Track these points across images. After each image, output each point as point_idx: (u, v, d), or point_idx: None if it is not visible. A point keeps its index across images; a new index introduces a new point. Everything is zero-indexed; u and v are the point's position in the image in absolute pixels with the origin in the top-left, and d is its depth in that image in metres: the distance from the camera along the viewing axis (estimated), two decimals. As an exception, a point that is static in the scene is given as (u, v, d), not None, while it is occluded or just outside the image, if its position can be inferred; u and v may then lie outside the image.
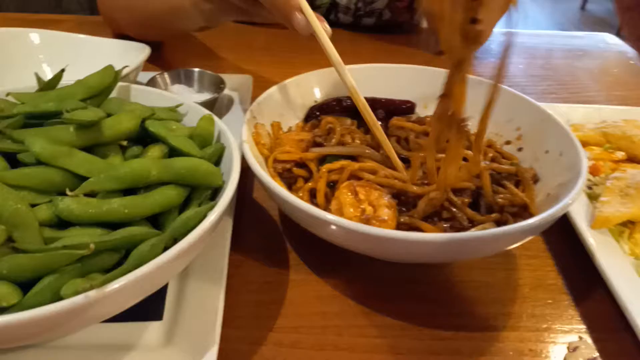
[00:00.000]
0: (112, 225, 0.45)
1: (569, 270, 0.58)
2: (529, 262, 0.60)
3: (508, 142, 0.68)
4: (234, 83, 0.83)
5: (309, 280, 0.56)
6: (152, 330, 0.48)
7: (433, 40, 1.18)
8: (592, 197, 0.65)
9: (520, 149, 0.66)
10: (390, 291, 0.55)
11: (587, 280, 0.57)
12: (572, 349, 0.49)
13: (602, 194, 0.64)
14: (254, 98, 0.82)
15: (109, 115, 0.51)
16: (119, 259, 0.43)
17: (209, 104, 0.74)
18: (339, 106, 0.70)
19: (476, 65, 1.08)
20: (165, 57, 1.02)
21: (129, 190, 0.48)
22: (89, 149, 0.49)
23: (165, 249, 0.41)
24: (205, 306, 0.49)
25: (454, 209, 0.54)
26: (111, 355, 0.45)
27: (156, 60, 0.97)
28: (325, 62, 0.74)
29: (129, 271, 0.38)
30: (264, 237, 0.62)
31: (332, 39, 0.70)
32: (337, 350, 0.49)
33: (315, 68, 0.73)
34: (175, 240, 0.43)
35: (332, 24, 0.70)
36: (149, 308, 0.49)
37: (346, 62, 0.73)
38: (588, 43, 1.25)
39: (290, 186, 0.60)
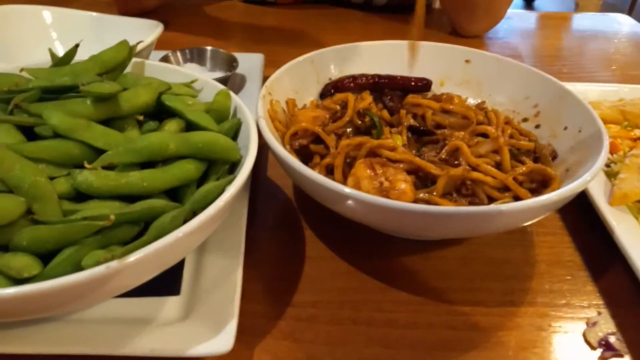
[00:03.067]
0: (130, 198, 0.45)
1: (587, 246, 0.58)
2: (545, 239, 0.59)
3: (525, 120, 0.67)
4: (245, 62, 0.83)
5: (325, 256, 0.56)
6: (170, 305, 0.48)
7: (445, 19, 1.16)
8: (610, 175, 0.64)
9: (537, 126, 0.66)
10: (407, 267, 0.55)
11: (605, 256, 0.56)
12: (591, 324, 0.49)
13: (621, 171, 0.63)
14: (265, 77, 0.82)
15: (125, 89, 0.50)
16: (138, 231, 0.43)
17: (222, 82, 0.73)
18: (354, 83, 0.70)
19: (490, 45, 1.07)
20: (176, 37, 1.01)
21: (146, 165, 0.47)
22: (105, 122, 0.48)
23: (185, 222, 0.41)
24: (223, 281, 0.48)
25: (474, 185, 0.54)
26: (129, 329, 0.45)
27: (166, 40, 0.96)
28: (335, 41, 0.73)
29: (150, 242, 0.38)
30: (279, 214, 0.62)
31: (343, 19, 0.70)
32: (355, 325, 0.49)
33: (324, 47, 0.72)
34: (194, 214, 0.43)
35: (344, 3, 0.69)
36: (166, 283, 0.49)
37: (357, 41, 0.73)
38: (601, 23, 1.23)
39: (306, 164, 0.59)
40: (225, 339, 0.43)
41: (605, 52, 1.07)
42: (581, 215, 0.61)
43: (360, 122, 0.62)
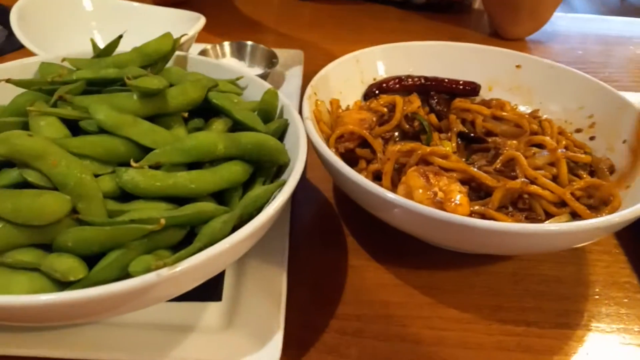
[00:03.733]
0: (176, 200, 0.43)
1: (644, 267, 0.55)
2: (600, 258, 0.56)
3: (579, 130, 0.64)
4: (284, 58, 0.81)
5: (369, 266, 0.54)
6: (211, 311, 0.46)
7: (485, 20, 1.13)
8: (668, 192, 0.61)
9: (592, 138, 0.63)
10: (456, 282, 0.52)
11: (664, 279, 0.54)
12: (653, 352, 0.46)
13: (680, 189, 0.60)
14: (304, 73, 0.80)
15: (171, 84, 0.49)
16: (184, 236, 0.41)
17: (261, 78, 0.72)
18: (400, 85, 0.67)
19: (533, 49, 1.03)
20: (208, 29, 0.98)
21: (192, 165, 0.45)
22: (151, 119, 0.46)
23: (234, 227, 0.39)
24: (266, 288, 0.47)
25: (531, 199, 0.51)
26: (170, 336, 0.44)
27: (201, 33, 0.94)
28: (372, 39, 0.70)
29: (201, 249, 0.36)
30: (319, 218, 0.60)
31: (381, 17, 0.67)
32: (403, 342, 0.46)
33: (363, 45, 0.69)
34: (241, 219, 0.41)
35: (383, 0, 0.67)
36: (207, 288, 0.47)
37: (395, 40, 0.71)
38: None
39: (351, 167, 0.57)
40: (271, 353, 0.41)
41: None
42: (638, 233, 0.58)
43: (408, 127, 0.60)
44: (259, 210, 0.42)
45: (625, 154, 0.58)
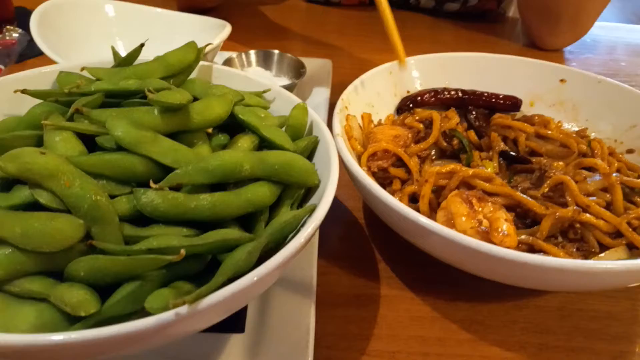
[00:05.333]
0: (197, 223, 0.39)
1: None
2: (655, 293, 0.51)
3: (630, 151, 0.59)
4: (312, 67, 0.77)
5: (403, 297, 0.49)
6: (234, 343, 0.43)
7: (520, 29, 1.08)
8: None
9: (645, 160, 0.58)
10: (498, 316, 0.48)
11: None
12: None
13: None
14: (332, 84, 0.77)
15: (195, 98, 0.45)
16: (206, 265, 0.38)
17: (288, 89, 0.68)
18: (436, 98, 0.63)
19: (572, 61, 0.98)
20: (232, 36, 0.96)
21: (215, 186, 0.42)
22: (173, 136, 0.43)
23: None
24: (293, 320, 0.43)
25: (583, 229, 0.46)
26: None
27: (225, 40, 0.91)
28: (402, 47, 0.66)
29: (224, 283, 0.33)
30: (349, 242, 0.56)
31: (410, 25, 0.64)
32: (442, 384, 0.42)
33: (391, 53, 0.66)
34: (267, 246, 0.37)
35: (412, 7, 0.63)
36: (228, 318, 0.44)
37: (424, 50, 0.67)
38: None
39: (384, 187, 0.53)
40: (298, 395, 0.38)
41: None
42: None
43: (446, 145, 0.55)
44: (286, 237, 0.39)
45: (685, 178, 0.53)
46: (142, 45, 0.53)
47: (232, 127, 0.48)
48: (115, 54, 0.54)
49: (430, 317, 0.47)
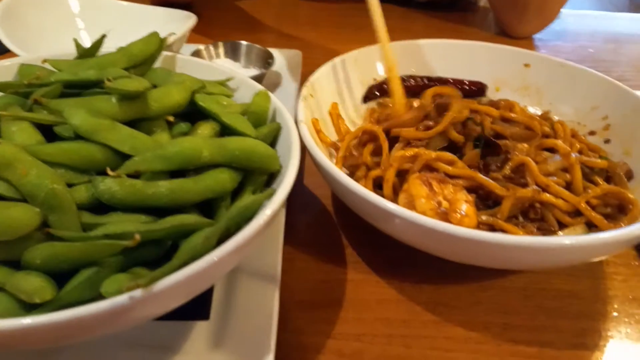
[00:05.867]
0: (157, 211, 0.39)
1: (666, 281, 0.51)
2: (617, 271, 0.52)
3: (592, 133, 0.60)
4: (282, 58, 0.77)
5: (369, 280, 0.50)
6: (198, 330, 0.42)
7: (491, 18, 1.09)
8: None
9: (607, 141, 0.59)
10: (462, 297, 0.48)
11: (687, 294, 0.50)
12: (678, 376, 0.42)
13: (702, 196, 0.56)
14: (303, 74, 0.77)
15: (154, 86, 0.45)
16: (165, 251, 0.38)
17: (256, 80, 0.68)
18: (402, 85, 0.63)
19: (541, 48, 0.99)
20: (206, 29, 0.95)
21: (175, 173, 0.42)
22: (132, 123, 0.43)
23: (219, 241, 0.35)
24: (257, 306, 0.43)
25: (543, 209, 0.47)
26: (151, 356, 0.40)
27: (196, 33, 0.91)
28: (373, 39, 0.67)
29: (179, 267, 0.33)
30: (317, 228, 0.56)
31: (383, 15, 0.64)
32: (406, 364, 0.43)
33: (363, 45, 0.66)
34: (228, 232, 0.37)
35: None
36: (193, 306, 0.44)
37: (397, 40, 0.67)
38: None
39: (352, 174, 0.54)
40: (260, 378, 0.38)
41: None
42: (657, 244, 0.54)
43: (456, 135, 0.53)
44: (247, 222, 0.39)
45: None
46: (103, 36, 0.53)
47: (194, 115, 0.48)
48: (78, 45, 0.54)
49: (395, 300, 0.48)
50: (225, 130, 0.46)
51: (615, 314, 0.48)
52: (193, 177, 0.41)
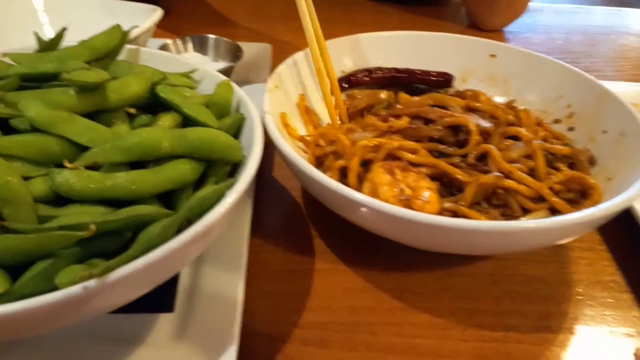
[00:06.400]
0: (117, 203, 0.39)
1: (629, 265, 0.52)
2: (582, 255, 0.53)
3: (557, 121, 0.61)
4: (252, 52, 0.77)
5: (337, 269, 0.50)
6: (162, 323, 0.42)
7: (463, 12, 1.10)
8: (652, 184, 0.58)
9: (571, 129, 0.59)
10: (428, 284, 0.49)
11: (651, 277, 0.51)
12: (640, 356, 0.43)
13: (664, 181, 0.57)
14: (273, 68, 0.76)
15: (114, 78, 0.45)
16: (125, 242, 0.37)
17: (224, 74, 0.67)
18: (370, 77, 0.64)
19: (512, 40, 1.00)
20: (176, 24, 0.95)
21: (136, 164, 0.41)
22: (91, 115, 0.42)
23: (179, 232, 0.35)
24: (222, 297, 0.43)
25: (506, 195, 0.47)
26: (112, 350, 0.40)
27: (167, 27, 0.90)
28: (345, 33, 0.67)
29: (136, 257, 0.32)
30: (286, 220, 0.56)
31: (355, 10, 0.64)
32: (371, 352, 0.43)
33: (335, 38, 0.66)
34: (189, 222, 0.37)
35: None
36: (157, 298, 0.44)
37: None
38: (630, 19, 1.16)
39: (320, 165, 0.54)
40: (223, 368, 0.38)
41: (637, 49, 1.00)
42: (622, 228, 0.55)
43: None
44: (206, 212, 0.39)
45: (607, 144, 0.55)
46: (64, 29, 0.52)
47: (156, 108, 0.47)
48: (39, 39, 0.53)
49: (362, 288, 0.48)
50: (188, 122, 0.46)
51: (579, 297, 0.49)
52: (153, 168, 0.41)
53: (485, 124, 0.54)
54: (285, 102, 0.57)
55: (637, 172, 0.46)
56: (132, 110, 0.46)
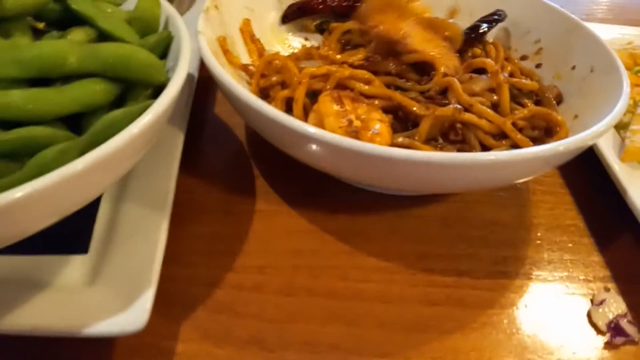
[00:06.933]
0: (14, 126, 0.33)
1: (591, 209, 0.49)
2: (543, 199, 0.50)
3: (524, 57, 0.57)
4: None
5: (279, 211, 0.45)
6: (74, 265, 0.37)
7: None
8: (619, 127, 0.54)
9: (538, 66, 0.55)
10: (378, 227, 0.45)
11: (613, 220, 0.48)
12: (598, 302, 0.40)
13: (632, 122, 0.53)
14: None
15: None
16: (19, 169, 0.32)
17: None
18: (324, 5, 0.58)
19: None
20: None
21: (41, 83, 0.35)
22: (-16, 27, 0.36)
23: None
24: (143, 238, 0.38)
25: (465, 130, 0.43)
26: (16, 295, 0.35)
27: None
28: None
29: (21, 183, 0.27)
30: (227, 159, 0.51)
31: None
32: (311, 296, 0.39)
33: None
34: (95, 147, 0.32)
35: None
36: (71, 238, 0.39)
37: None
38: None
39: (265, 97, 0.48)
40: (137, 314, 0.33)
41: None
42: (585, 172, 0.52)
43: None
44: (117, 136, 0.33)
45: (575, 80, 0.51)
46: None
47: (70, 23, 0.41)
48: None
49: (306, 230, 0.44)
50: (104, 38, 0.40)
51: (538, 241, 0.45)
52: (58, 87, 0.35)
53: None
54: (226, 26, 0.51)
55: (604, 109, 0.43)
56: (40, 25, 0.39)
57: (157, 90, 0.39)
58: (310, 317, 0.38)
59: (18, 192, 0.27)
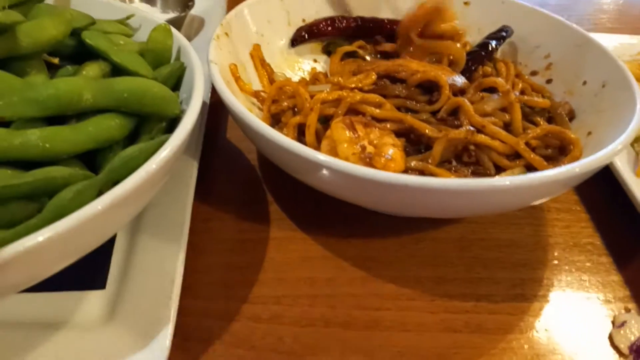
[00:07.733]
0: (31, 165, 0.33)
1: (608, 226, 0.48)
2: (558, 217, 0.49)
3: (534, 73, 0.56)
4: (204, 3, 0.70)
5: (294, 238, 0.45)
6: (92, 301, 0.37)
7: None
8: (633, 141, 0.54)
9: (549, 81, 0.55)
10: (394, 252, 0.45)
11: (630, 237, 0.47)
12: (619, 324, 0.40)
13: (646, 137, 0.53)
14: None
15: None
16: (37, 210, 0.32)
17: (174, 25, 0.61)
18: (332, 27, 0.58)
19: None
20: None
21: (56, 121, 0.36)
22: (1, 64, 0.36)
23: (100, 197, 0.30)
24: (159, 271, 0.38)
25: (478, 151, 0.43)
26: (34, 335, 0.35)
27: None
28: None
29: (40, 227, 0.27)
30: (240, 186, 0.51)
31: None
32: (328, 327, 0.39)
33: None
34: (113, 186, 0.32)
35: None
36: (88, 274, 0.39)
37: None
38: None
39: (277, 122, 0.49)
40: (156, 353, 0.33)
41: (616, 3, 0.96)
42: (599, 187, 0.51)
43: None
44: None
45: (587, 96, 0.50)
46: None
47: (84, 57, 0.41)
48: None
49: (321, 257, 0.44)
50: (118, 72, 0.40)
51: (555, 261, 0.45)
52: (73, 124, 0.35)
53: (460, 79, 0.50)
54: (237, 52, 0.51)
55: (618, 126, 0.42)
56: (55, 60, 0.40)
57: (171, 122, 0.39)
58: (327, 349, 0.37)
59: (39, 237, 0.27)
